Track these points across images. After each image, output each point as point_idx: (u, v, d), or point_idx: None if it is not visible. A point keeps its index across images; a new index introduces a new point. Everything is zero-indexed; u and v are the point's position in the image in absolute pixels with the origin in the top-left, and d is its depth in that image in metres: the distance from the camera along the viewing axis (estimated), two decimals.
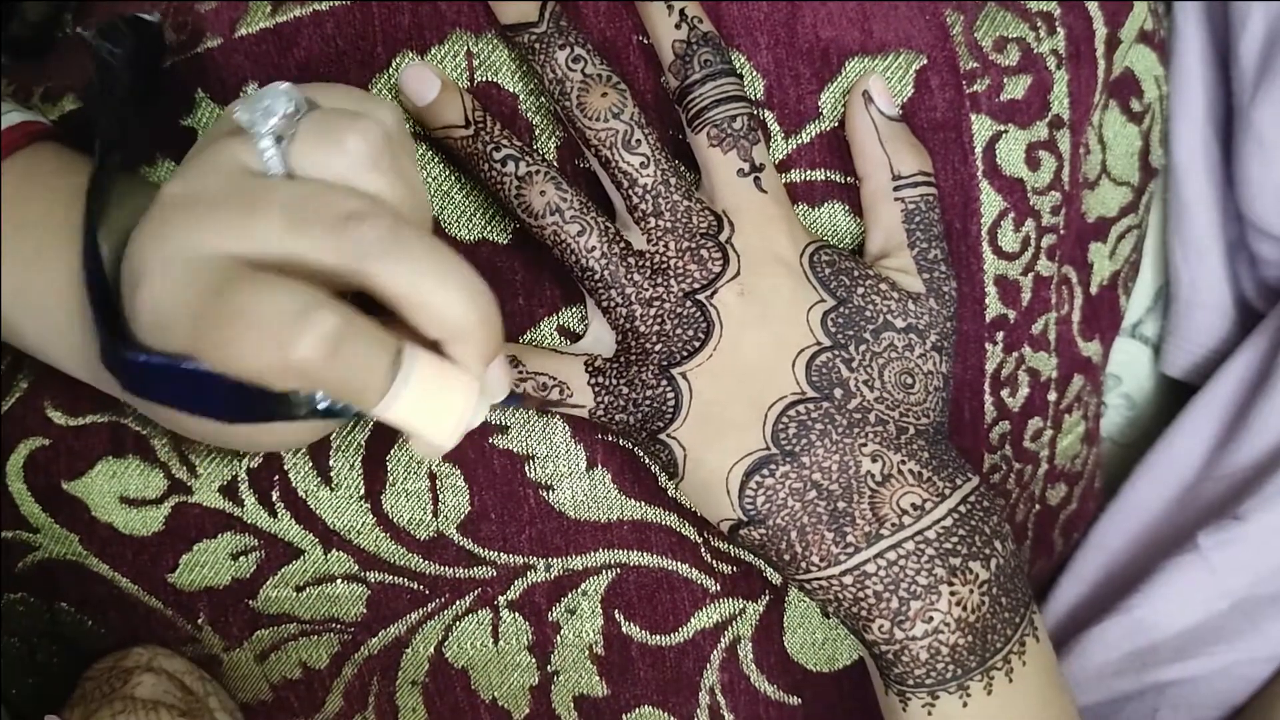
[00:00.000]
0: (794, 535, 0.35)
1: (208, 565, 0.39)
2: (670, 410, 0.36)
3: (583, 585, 0.40)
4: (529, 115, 0.37)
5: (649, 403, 0.36)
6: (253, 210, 0.27)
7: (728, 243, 0.36)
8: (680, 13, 0.36)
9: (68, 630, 0.41)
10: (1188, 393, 0.53)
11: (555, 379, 0.36)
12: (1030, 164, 0.41)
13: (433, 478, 0.38)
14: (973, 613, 0.35)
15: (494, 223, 0.38)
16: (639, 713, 0.42)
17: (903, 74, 0.39)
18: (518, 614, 0.40)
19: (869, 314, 0.37)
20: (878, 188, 0.38)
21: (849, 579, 0.35)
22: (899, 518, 0.35)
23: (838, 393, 0.36)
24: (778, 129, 0.38)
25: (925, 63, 0.39)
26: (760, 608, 0.41)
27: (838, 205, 0.39)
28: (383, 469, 0.38)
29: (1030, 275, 0.42)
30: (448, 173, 0.38)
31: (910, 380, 0.37)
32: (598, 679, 0.41)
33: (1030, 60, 0.41)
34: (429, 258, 0.28)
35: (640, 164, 0.36)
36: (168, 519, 0.39)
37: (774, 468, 0.35)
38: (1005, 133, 0.40)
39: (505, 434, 0.38)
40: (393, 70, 0.37)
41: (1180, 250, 0.54)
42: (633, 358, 0.36)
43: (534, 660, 0.41)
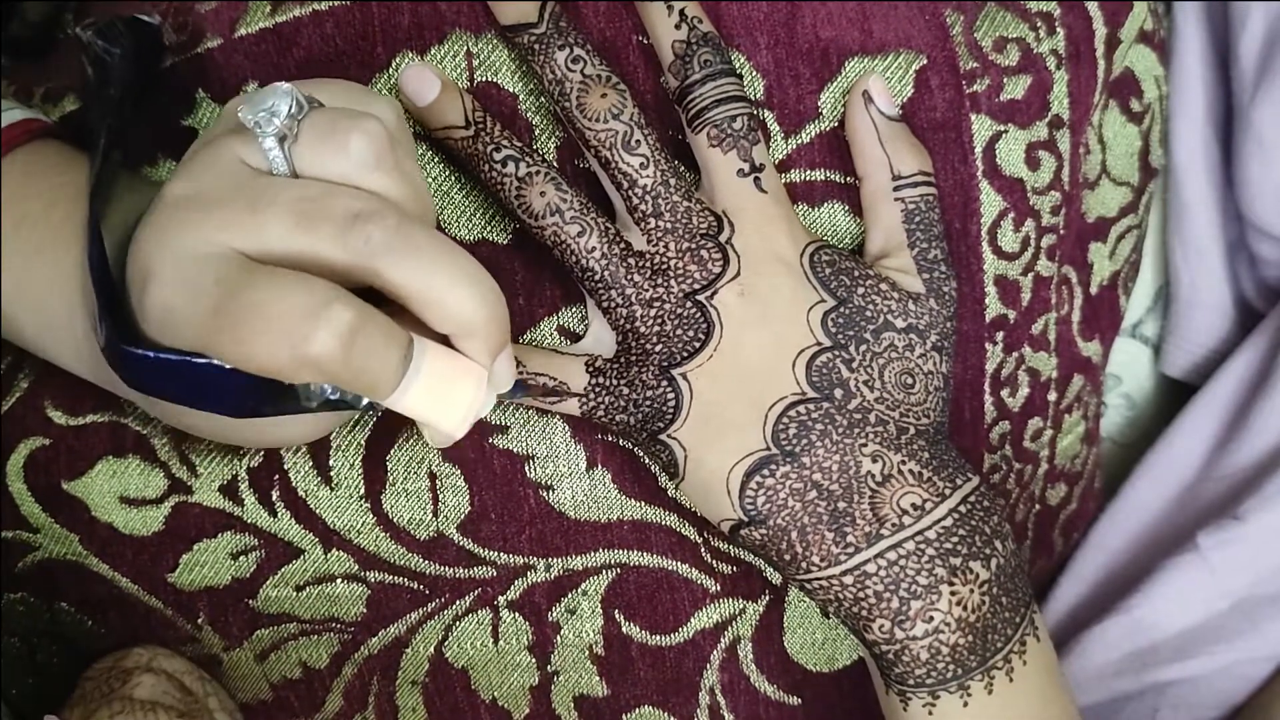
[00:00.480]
0: (794, 535, 0.35)
1: (208, 565, 0.39)
2: (671, 411, 0.36)
3: (583, 585, 0.40)
4: (529, 115, 0.37)
5: (649, 403, 0.36)
6: (261, 208, 0.28)
7: (728, 243, 0.36)
8: (680, 13, 0.36)
9: (68, 630, 0.41)
10: (1188, 393, 0.53)
11: (556, 379, 0.36)
12: (1030, 164, 0.41)
13: (433, 478, 0.38)
14: (973, 612, 0.35)
15: (494, 223, 0.38)
16: (639, 713, 0.42)
17: (902, 74, 0.39)
18: (518, 614, 0.40)
19: (869, 314, 0.37)
20: (878, 188, 0.38)
21: (849, 579, 0.35)
22: (899, 518, 0.35)
23: (838, 393, 0.36)
24: (777, 129, 0.38)
25: (925, 63, 0.39)
26: (760, 608, 0.41)
27: (837, 205, 0.39)
28: (383, 469, 0.38)
29: (1030, 275, 0.42)
30: (448, 173, 0.38)
31: (910, 380, 0.37)
32: (598, 679, 0.41)
33: (1030, 60, 0.41)
34: (438, 255, 0.28)
35: (640, 165, 0.36)
36: (168, 519, 0.39)
37: (774, 468, 0.35)
38: (1005, 133, 0.40)
39: (505, 434, 0.38)
40: (392, 70, 0.37)
41: (1180, 250, 0.54)
42: (633, 358, 0.36)
43: (534, 660, 0.41)
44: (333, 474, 0.38)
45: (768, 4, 0.38)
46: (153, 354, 0.28)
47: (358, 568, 0.39)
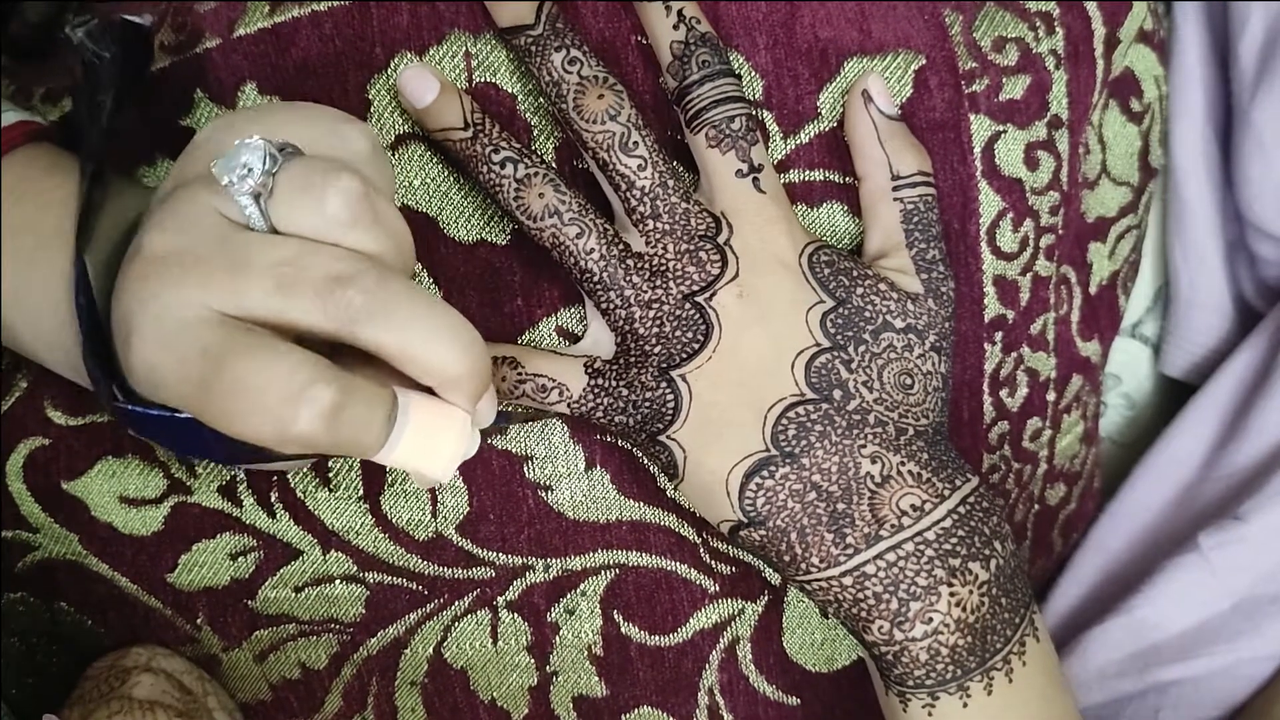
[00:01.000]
0: (794, 537, 0.35)
1: (207, 565, 0.39)
2: (670, 412, 0.36)
3: (581, 586, 0.40)
4: (527, 116, 0.37)
5: (648, 405, 0.36)
6: (241, 271, 0.28)
7: (726, 244, 0.36)
8: (678, 13, 0.36)
9: (67, 630, 0.41)
10: (1188, 393, 0.53)
11: (554, 381, 0.36)
12: (1029, 164, 0.41)
13: None
14: (972, 613, 0.35)
15: (492, 224, 0.38)
16: (638, 713, 0.42)
17: (901, 74, 0.39)
18: (516, 614, 0.40)
19: (868, 315, 0.37)
20: (876, 188, 0.38)
21: (849, 580, 0.35)
22: (898, 519, 0.35)
23: (837, 394, 0.36)
24: (776, 129, 0.38)
25: (924, 63, 0.39)
26: (759, 608, 0.41)
27: (836, 205, 0.39)
28: (381, 470, 0.38)
29: (1029, 275, 0.42)
30: (446, 173, 0.38)
31: (909, 381, 0.37)
32: (597, 679, 0.41)
33: (1029, 60, 0.41)
34: (416, 315, 0.28)
35: (638, 166, 0.36)
36: (167, 519, 0.39)
37: (774, 469, 0.35)
38: (1004, 133, 0.40)
39: (504, 435, 0.38)
40: (391, 71, 0.37)
41: (1180, 250, 0.54)
42: (632, 360, 0.36)
43: (533, 661, 0.41)
44: (331, 475, 0.38)
45: (766, 4, 0.38)
46: (139, 409, 0.29)
47: (356, 569, 0.39)
